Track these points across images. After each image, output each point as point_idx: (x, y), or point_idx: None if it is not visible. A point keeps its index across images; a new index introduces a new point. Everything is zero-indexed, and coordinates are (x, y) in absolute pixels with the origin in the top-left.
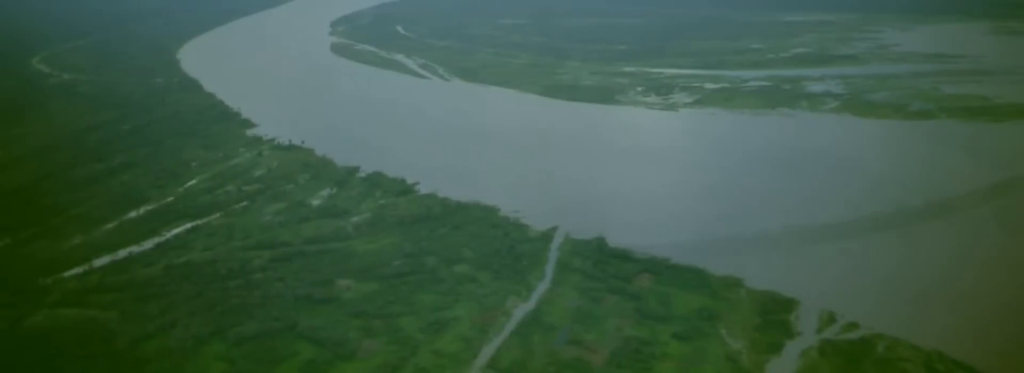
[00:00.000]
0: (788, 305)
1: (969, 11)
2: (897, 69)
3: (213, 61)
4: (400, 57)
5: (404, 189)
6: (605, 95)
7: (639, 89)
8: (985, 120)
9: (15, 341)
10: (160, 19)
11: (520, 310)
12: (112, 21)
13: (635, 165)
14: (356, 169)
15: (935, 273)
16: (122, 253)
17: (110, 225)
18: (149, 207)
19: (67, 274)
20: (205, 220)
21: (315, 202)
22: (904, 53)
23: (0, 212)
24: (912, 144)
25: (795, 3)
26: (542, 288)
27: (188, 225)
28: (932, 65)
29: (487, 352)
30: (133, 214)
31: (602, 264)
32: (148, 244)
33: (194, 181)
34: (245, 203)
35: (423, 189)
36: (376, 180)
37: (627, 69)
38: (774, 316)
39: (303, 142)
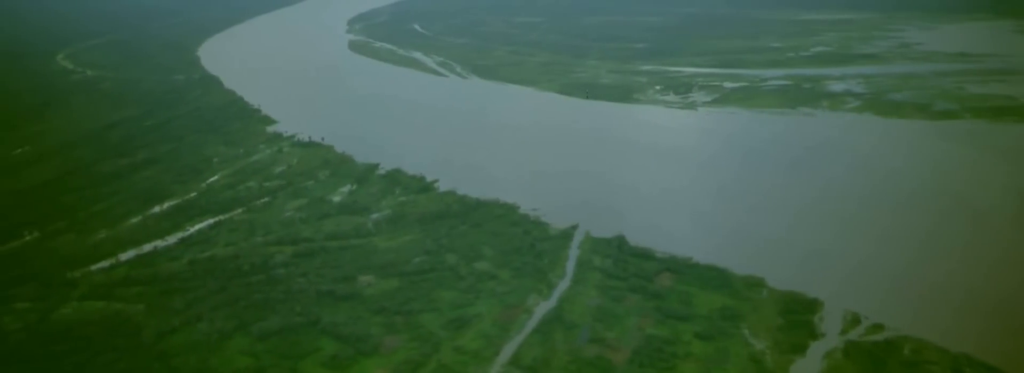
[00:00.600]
0: (812, 306)
1: (994, 9)
2: (920, 68)
3: (232, 59)
4: (418, 55)
5: (423, 186)
6: (623, 93)
7: (657, 88)
8: (1011, 120)
9: (45, 333)
10: (177, 18)
11: (541, 308)
12: (130, 19)
13: (655, 164)
14: (375, 166)
15: (963, 276)
16: (147, 247)
17: (134, 220)
18: (172, 202)
19: (94, 268)
20: (227, 216)
21: (335, 199)
22: (927, 52)
23: (28, 207)
24: (937, 145)
25: (815, 1)
26: (563, 286)
27: (211, 221)
28: (956, 64)
29: (509, 349)
30: (157, 209)
31: (623, 263)
32: (172, 239)
33: (216, 177)
34: (266, 199)
35: (442, 186)
36: (395, 177)
37: (645, 67)
38: (797, 317)
39: (322, 139)
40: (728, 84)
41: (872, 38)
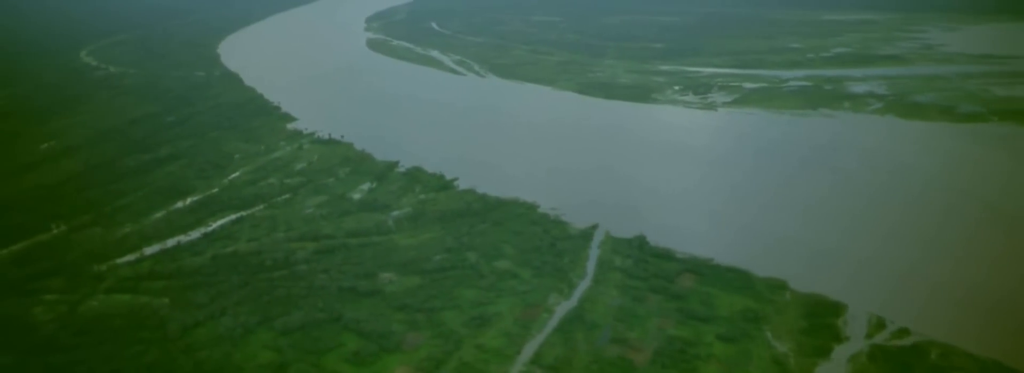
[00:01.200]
0: (835, 309)
1: (1019, 10)
2: (944, 70)
3: (251, 56)
4: (435, 53)
5: (443, 184)
6: (642, 93)
7: (676, 88)
8: None
9: (74, 324)
10: (193, 17)
11: (562, 307)
12: (146, 19)
13: (674, 165)
14: (395, 164)
15: (991, 281)
16: (171, 242)
17: (158, 214)
18: (195, 198)
19: (120, 261)
20: (249, 211)
21: (356, 196)
22: (951, 53)
23: (54, 200)
24: (962, 148)
25: (835, 1)
26: (584, 286)
27: (233, 216)
28: (981, 66)
29: (530, 348)
30: (180, 204)
31: (643, 263)
32: (195, 234)
33: (237, 173)
34: (287, 195)
35: (462, 185)
36: (415, 175)
37: (663, 67)
38: (821, 320)
39: (342, 136)
40: (748, 85)
41: (894, 39)
